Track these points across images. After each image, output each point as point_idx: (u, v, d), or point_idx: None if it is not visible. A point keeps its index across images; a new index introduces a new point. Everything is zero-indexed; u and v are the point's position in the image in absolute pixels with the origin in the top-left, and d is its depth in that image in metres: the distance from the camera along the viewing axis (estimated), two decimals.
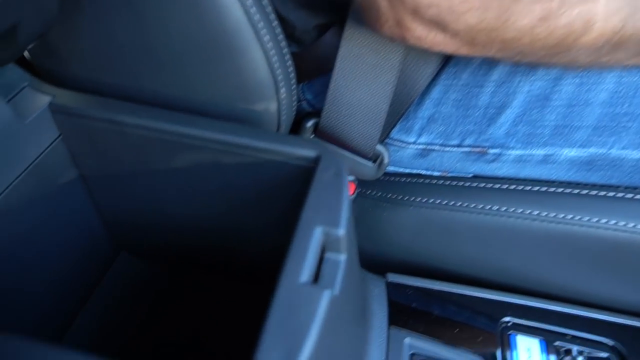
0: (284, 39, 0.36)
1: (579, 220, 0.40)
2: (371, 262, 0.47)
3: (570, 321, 0.41)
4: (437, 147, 0.42)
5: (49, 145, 0.36)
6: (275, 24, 0.35)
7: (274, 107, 0.38)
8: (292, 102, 0.40)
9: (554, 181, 0.42)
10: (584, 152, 0.38)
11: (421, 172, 0.46)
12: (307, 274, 0.25)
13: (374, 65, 0.39)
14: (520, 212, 0.42)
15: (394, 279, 0.44)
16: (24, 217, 0.35)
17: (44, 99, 0.35)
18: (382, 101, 0.40)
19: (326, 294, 0.24)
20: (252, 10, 0.32)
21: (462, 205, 0.43)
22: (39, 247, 0.38)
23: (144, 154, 0.36)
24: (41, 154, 0.35)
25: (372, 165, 0.43)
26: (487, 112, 0.39)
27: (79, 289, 0.44)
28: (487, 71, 0.39)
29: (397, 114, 0.42)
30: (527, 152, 0.40)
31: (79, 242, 0.42)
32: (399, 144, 0.43)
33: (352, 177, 0.46)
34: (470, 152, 0.42)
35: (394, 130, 0.43)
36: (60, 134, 0.36)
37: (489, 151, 0.41)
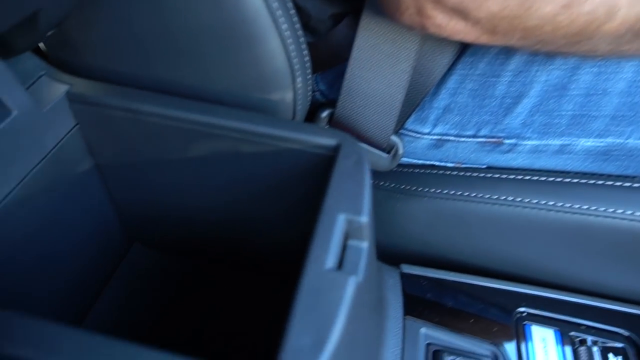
0: (300, 27, 0.36)
1: (594, 210, 0.40)
2: (385, 253, 0.47)
3: (585, 312, 0.41)
4: (452, 138, 0.42)
5: (66, 134, 0.36)
6: (292, 13, 0.35)
7: (289, 96, 0.38)
8: (308, 92, 0.39)
9: (569, 172, 0.42)
10: (601, 142, 0.38)
11: (435, 163, 0.46)
12: (332, 260, 0.25)
13: (390, 54, 0.39)
14: (535, 203, 0.41)
15: (408, 270, 0.44)
16: (41, 206, 0.35)
17: (61, 88, 0.35)
18: (398, 91, 0.40)
19: (352, 280, 0.24)
20: None
21: (477, 196, 0.43)
22: (54, 237, 0.38)
23: (161, 143, 0.36)
24: (58, 143, 0.35)
25: (387, 156, 0.43)
26: (503, 102, 0.39)
27: (93, 279, 0.44)
28: (504, 61, 0.38)
29: (412, 104, 0.41)
30: (543, 142, 0.40)
31: (93, 232, 0.42)
32: (413, 134, 0.43)
33: None
34: (485, 142, 0.41)
35: (408, 120, 0.43)
36: (76, 123, 0.36)
37: (505, 141, 0.41)
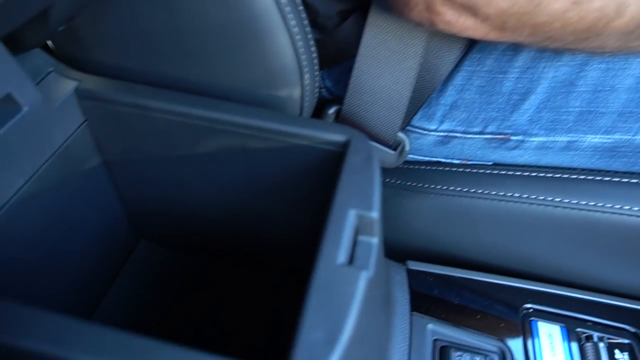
0: (308, 24, 0.36)
1: (601, 206, 0.40)
2: (391, 249, 0.47)
3: (591, 308, 0.41)
4: (458, 135, 0.42)
5: (75, 130, 0.36)
6: (301, 9, 0.35)
7: (297, 93, 0.38)
8: (315, 88, 0.39)
9: (576, 168, 0.42)
10: (608, 139, 0.38)
11: (441, 159, 0.46)
12: (343, 255, 0.25)
13: (398, 51, 0.39)
14: (541, 199, 0.41)
15: (414, 266, 0.44)
16: (50, 202, 0.35)
17: (70, 84, 0.35)
18: (405, 88, 0.40)
19: (363, 274, 0.24)
20: None
21: (483, 192, 0.43)
22: (63, 234, 0.38)
23: (169, 140, 0.36)
24: (67, 140, 0.35)
25: (393, 152, 0.43)
26: (510, 98, 0.39)
27: (100, 276, 0.44)
28: (511, 57, 0.38)
29: (419, 101, 0.41)
30: (550, 139, 0.40)
31: (100, 229, 0.42)
32: (420, 131, 0.43)
33: None
34: (492, 139, 0.41)
35: (415, 117, 0.43)
36: (85, 120, 0.36)
37: (512, 138, 0.41)
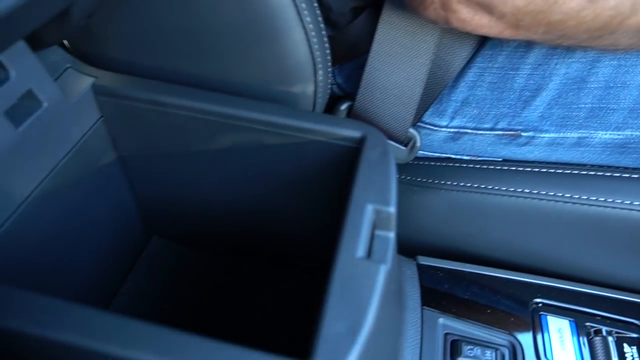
0: (322, 20, 0.36)
1: (611, 202, 0.40)
2: (401, 245, 0.47)
3: (600, 302, 0.42)
4: (469, 131, 0.43)
5: (91, 126, 0.36)
6: (315, 5, 0.35)
7: (310, 89, 0.38)
8: (328, 84, 0.40)
9: (586, 164, 0.42)
10: (619, 135, 0.38)
11: (451, 155, 0.46)
12: (362, 249, 0.25)
13: (410, 48, 0.39)
14: (551, 195, 0.42)
15: (425, 261, 0.45)
16: (67, 197, 0.35)
17: (87, 80, 0.35)
18: (417, 84, 0.40)
19: (382, 268, 0.25)
20: None
21: (493, 188, 0.44)
22: (78, 229, 0.38)
23: (184, 136, 0.36)
24: (84, 136, 0.36)
25: (404, 149, 0.44)
26: (522, 95, 0.39)
27: (114, 271, 0.45)
28: (523, 54, 0.39)
29: (430, 97, 0.42)
30: (561, 135, 0.40)
31: (114, 224, 0.43)
32: (431, 127, 0.44)
33: None
34: (503, 135, 0.42)
35: (426, 113, 0.43)
36: (101, 116, 0.37)
37: (522, 134, 0.41)
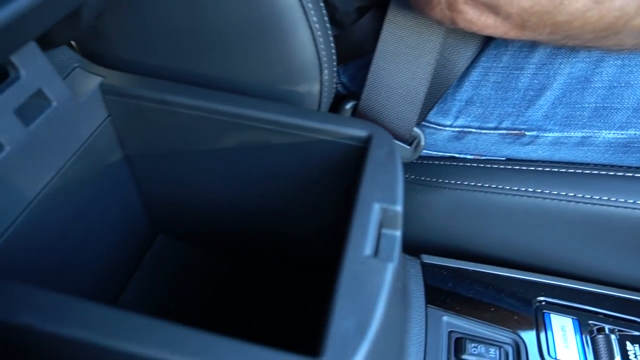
0: (328, 20, 0.37)
1: (614, 201, 0.41)
2: (404, 243, 0.47)
3: (603, 301, 0.42)
4: (473, 130, 0.43)
5: (99, 125, 0.36)
6: (322, 5, 0.35)
7: (316, 89, 0.39)
8: (333, 84, 0.40)
9: (589, 163, 0.42)
10: (622, 134, 0.39)
11: (455, 155, 0.46)
12: (369, 247, 0.26)
13: (415, 47, 0.39)
14: (555, 194, 0.42)
15: (429, 260, 0.45)
16: (75, 196, 0.36)
17: (95, 80, 0.35)
18: (421, 83, 0.40)
19: (390, 266, 0.25)
20: None
21: (497, 187, 0.44)
22: (86, 227, 0.38)
23: (192, 135, 0.37)
24: (91, 135, 0.36)
25: (409, 148, 0.44)
26: (526, 94, 0.40)
27: (120, 269, 0.45)
28: (527, 53, 0.39)
29: (435, 97, 0.42)
30: (565, 134, 0.40)
31: (120, 223, 0.43)
32: (435, 126, 0.44)
33: None
34: (507, 134, 0.42)
35: (430, 113, 0.43)
36: (108, 115, 0.37)
37: (526, 134, 0.41)
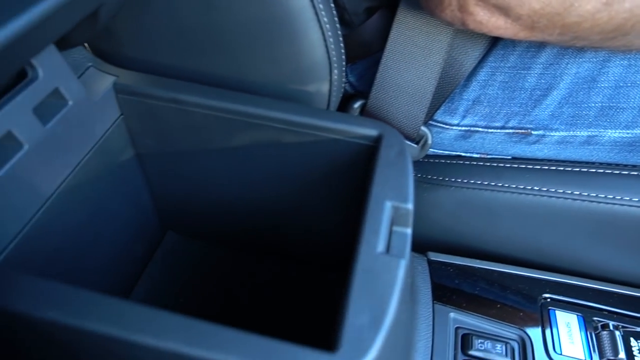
0: (338, 20, 0.37)
1: (619, 199, 0.41)
2: (412, 241, 0.48)
3: (607, 298, 0.43)
4: (480, 129, 0.43)
5: (112, 124, 0.37)
6: (332, 6, 0.36)
7: (325, 88, 0.39)
8: (342, 83, 0.40)
9: (594, 162, 0.43)
10: (628, 134, 0.39)
11: (461, 153, 0.47)
12: (382, 244, 0.26)
13: (423, 47, 0.40)
14: (560, 192, 0.43)
15: (435, 257, 0.46)
16: (88, 194, 0.36)
17: (109, 79, 0.36)
18: (429, 83, 0.41)
19: (402, 262, 0.25)
20: None
21: (503, 185, 0.44)
22: (98, 225, 0.39)
23: (203, 134, 0.37)
24: (105, 133, 0.36)
25: (416, 146, 0.44)
26: (533, 94, 0.40)
27: (131, 266, 0.45)
28: (535, 53, 0.39)
29: (442, 96, 0.42)
30: (571, 133, 0.41)
31: (131, 220, 0.44)
32: (442, 125, 0.44)
33: None
34: (513, 133, 0.43)
35: (438, 112, 0.44)
36: (121, 114, 0.37)
37: (533, 133, 0.42)
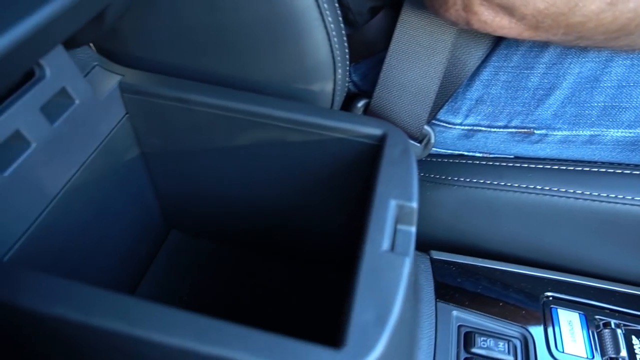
0: (342, 20, 0.37)
1: (621, 199, 0.41)
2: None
3: (609, 296, 0.43)
4: (483, 129, 0.44)
5: (117, 123, 0.37)
6: (337, 5, 0.36)
7: (329, 87, 0.39)
8: (346, 82, 0.41)
9: (597, 162, 0.43)
10: (631, 133, 0.39)
11: (463, 152, 0.47)
12: (387, 242, 0.26)
13: (427, 46, 0.40)
14: (563, 191, 0.43)
15: (438, 256, 0.46)
16: (94, 193, 0.37)
17: (114, 78, 0.36)
18: (433, 82, 0.41)
19: (407, 260, 0.26)
20: None
21: (505, 184, 0.45)
22: (104, 223, 0.39)
23: (208, 133, 0.37)
24: (110, 132, 0.37)
25: (419, 145, 0.45)
26: (536, 93, 0.40)
27: (135, 265, 0.46)
28: (538, 53, 0.40)
29: (445, 95, 0.43)
30: (573, 133, 0.41)
31: (135, 219, 0.44)
32: (445, 125, 0.45)
33: None
34: (516, 133, 0.43)
35: (441, 111, 0.44)
36: (126, 113, 0.38)
37: (535, 132, 0.42)
